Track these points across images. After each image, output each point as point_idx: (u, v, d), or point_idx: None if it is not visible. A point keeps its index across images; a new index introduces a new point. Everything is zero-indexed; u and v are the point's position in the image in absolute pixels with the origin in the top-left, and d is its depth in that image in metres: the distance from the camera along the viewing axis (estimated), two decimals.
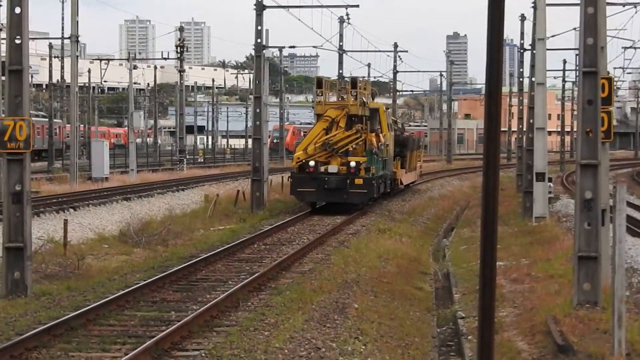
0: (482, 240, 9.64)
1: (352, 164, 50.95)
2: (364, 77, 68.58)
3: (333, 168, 51.08)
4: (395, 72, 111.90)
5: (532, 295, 27.17)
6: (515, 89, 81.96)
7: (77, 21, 65.55)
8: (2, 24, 51.30)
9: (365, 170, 51.66)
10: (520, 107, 73.85)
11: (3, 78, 39.29)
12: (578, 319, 22.89)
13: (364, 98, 54.81)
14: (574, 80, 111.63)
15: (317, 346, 20.38)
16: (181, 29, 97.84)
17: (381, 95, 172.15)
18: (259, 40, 55.50)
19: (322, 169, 51.20)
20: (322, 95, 54.14)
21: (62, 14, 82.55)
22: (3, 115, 27.60)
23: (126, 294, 25.27)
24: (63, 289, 26.59)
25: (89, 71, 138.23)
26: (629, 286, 24.11)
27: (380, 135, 57.27)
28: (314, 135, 52.95)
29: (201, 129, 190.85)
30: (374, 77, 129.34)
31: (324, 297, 25.96)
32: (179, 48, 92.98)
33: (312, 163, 51.08)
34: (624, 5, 58.48)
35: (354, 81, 55.30)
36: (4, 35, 38.74)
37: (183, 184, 67.11)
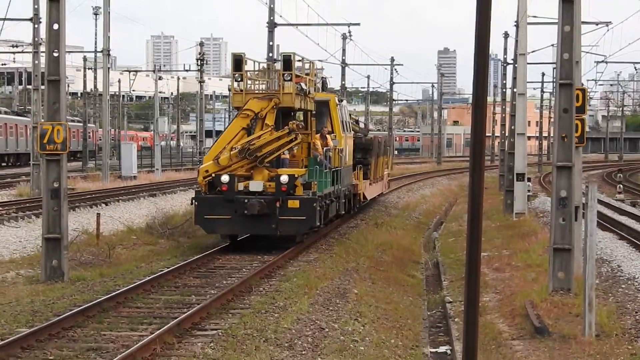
0: (468, 233, 9.66)
1: (283, 178, 30.87)
2: (312, 61, 38.80)
3: (256, 185, 31.10)
4: (391, 83, 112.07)
5: (512, 283, 27.17)
6: (498, 98, 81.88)
7: (109, 36, 65.51)
8: (41, 39, 51.19)
9: (305, 186, 31.69)
10: (503, 115, 73.81)
11: (43, 87, 39.42)
12: (553, 303, 22.89)
13: (303, 85, 33.69)
14: (551, 91, 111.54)
15: (321, 327, 20.38)
16: (201, 44, 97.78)
17: (379, 104, 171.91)
18: (270, 54, 55.42)
19: (241, 186, 31.16)
20: (241, 80, 33.07)
21: (95, 30, 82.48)
22: (43, 121, 27.62)
23: (152, 280, 25.28)
24: (96, 275, 26.61)
25: (119, 81, 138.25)
26: (598, 275, 24.10)
27: (329, 137, 36.40)
28: (229, 138, 32.20)
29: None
30: (373, 88, 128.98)
31: (327, 283, 25.96)
32: (199, 61, 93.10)
33: (225, 178, 30.87)
34: (596, 24, 58.54)
35: (286, 60, 33.19)
36: (43, 48, 38.70)
37: None
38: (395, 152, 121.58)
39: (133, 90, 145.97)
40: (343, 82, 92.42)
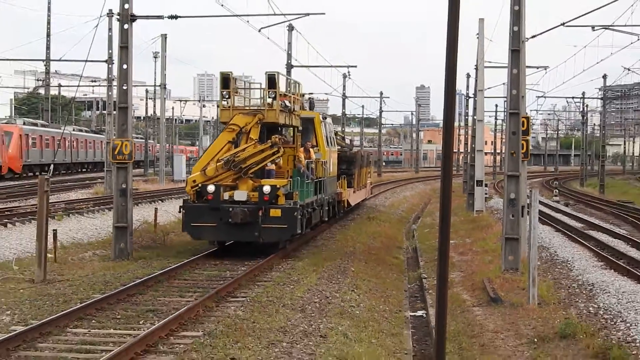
0: (440, 225, 9.61)
1: (266, 188, 26.67)
2: (297, 82, 33.79)
3: (241, 195, 26.84)
4: (380, 111, 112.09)
5: (473, 264, 27.15)
6: (463, 123, 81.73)
7: (165, 74, 65.48)
8: (113, 76, 51.27)
9: (287, 196, 27.15)
10: (466, 136, 73.68)
11: (114, 112, 39.54)
12: (505, 279, 22.89)
13: (287, 102, 29.60)
14: (502, 118, 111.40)
15: (326, 295, 20.34)
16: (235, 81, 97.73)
17: (370, 127, 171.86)
18: (288, 89, 55.46)
19: (227, 195, 27.00)
20: (229, 97, 28.38)
21: (155, 69, 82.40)
22: (114, 137, 27.71)
23: (196, 259, 25.25)
24: (153, 255, 26.58)
25: (172, 108, 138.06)
26: (539, 258, 24.05)
27: (312, 150, 31.80)
28: (216, 151, 27.88)
29: None
30: (366, 115, 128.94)
31: (331, 263, 25.93)
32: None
33: (211, 188, 26.59)
34: (537, 67, 58.42)
35: (271, 79, 28.25)
36: (115, 83, 38.78)
37: None
38: (384, 164, 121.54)
39: (183, 115, 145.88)
40: (344, 110, 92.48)
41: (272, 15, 39.20)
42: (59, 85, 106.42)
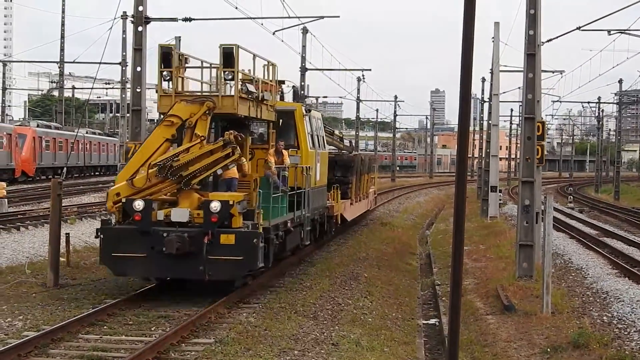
0: (454, 232, 9.57)
1: (214, 205, 19.13)
2: (273, 63, 23.23)
3: (180, 214, 19.45)
4: (395, 115, 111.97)
5: (486, 270, 27.06)
6: (477, 128, 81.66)
7: None
8: (127, 78, 51.38)
9: (245, 216, 19.74)
10: (481, 141, 73.56)
11: (128, 115, 39.65)
12: (518, 287, 22.79)
13: (250, 86, 21.25)
14: (518, 122, 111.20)
15: (339, 302, 20.30)
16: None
17: (384, 131, 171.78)
18: (302, 92, 55.49)
19: (161, 215, 19.61)
20: (170, 79, 20.63)
21: None
22: (127, 140, 27.76)
23: None
24: None
25: None
26: (553, 265, 23.97)
27: (285, 153, 23.96)
28: (150, 152, 20.20)
29: None
30: (381, 118, 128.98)
31: (343, 269, 25.88)
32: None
33: (139, 204, 19.36)
34: (553, 72, 58.39)
35: (227, 54, 20.32)
36: (128, 85, 38.93)
37: None
38: (397, 169, 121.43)
39: None
40: (358, 114, 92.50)
41: (286, 18, 39.22)
42: (73, 88, 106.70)
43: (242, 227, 19.19)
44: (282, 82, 26.81)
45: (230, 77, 20.34)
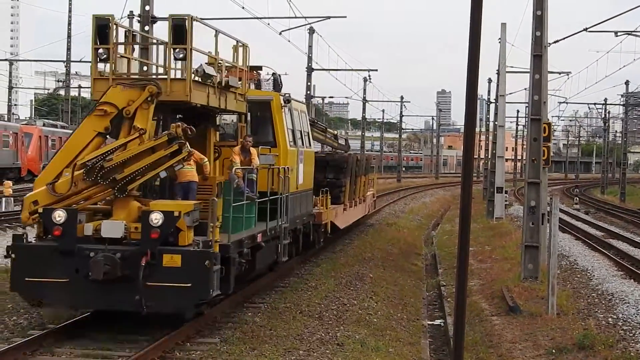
0: (459, 232, 9.58)
1: (155, 217, 14.83)
2: (244, 44, 19.44)
3: (112, 228, 15.10)
4: (401, 116, 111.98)
5: (492, 271, 27.05)
6: (483, 129, 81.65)
7: None
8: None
9: (198, 230, 15.50)
10: (487, 142, 73.57)
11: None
12: (524, 288, 22.78)
13: (207, 68, 17.10)
14: (524, 124, 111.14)
15: (344, 302, 20.30)
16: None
17: (390, 131, 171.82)
18: (308, 92, 55.53)
19: (90, 229, 15.21)
20: (108, 58, 16.23)
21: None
22: None
23: None
24: None
25: None
26: (559, 267, 23.97)
27: (254, 152, 19.64)
28: (77, 149, 15.81)
29: None
30: (387, 119, 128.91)
31: (349, 269, 25.87)
32: None
33: (59, 216, 14.97)
34: (559, 73, 58.43)
35: (178, 27, 16.15)
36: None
37: None
38: (403, 169, 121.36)
39: None
40: (364, 114, 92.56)
41: (293, 18, 39.26)
42: (79, 87, 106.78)
43: (190, 245, 15.13)
44: (259, 68, 23.18)
45: (181, 55, 16.38)
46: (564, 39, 31.12)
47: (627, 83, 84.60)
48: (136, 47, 18.89)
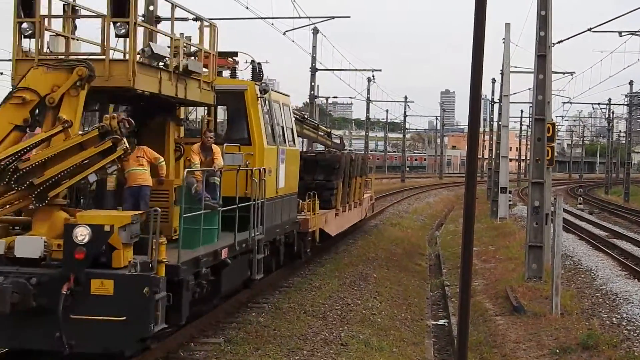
0: (463, 232, 9.57)
1: (80, 232, 11.53)
2: (210, 23, 16.43)
3: (27, 246, 11.82)
4: (405, 116, 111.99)
5: (496, 271, 27.03)
6: (487, 129, 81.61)
7: None
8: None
9: (136, 248, 12.17)
10: (491, 142, 73.54)
11: None
12: (528, 288, 22.76)
13: (156, 48, 14.00)
14: (528, 124, 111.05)
15: (348, 302, 20.30)
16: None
17: (394, 131, 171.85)
18: (312, 92, 55.58)
19: (1, 246, 11.95)
20: (33, 34, 13.10)
21: None
22: None
23: None
24: None
25: (196, 110, 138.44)
26: (563, 267, 23.94)
27: (217, 150, 16.46)
28: None
29: None
30: (391, 119, 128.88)
31: (352, 269, 25.87)
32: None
33: None
34: (563, 73, 58.41)
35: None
36: None
37: None
38: (407, 169, 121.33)
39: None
40: (367, 114, 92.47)
41: (297, 18, 39.29)
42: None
43: (126, 267, 12.08)
44: (234, 54, 20.21)
45: (122, 31, 13.18)
46: (568, 39, 31.14)
47: (631, 83, 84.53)
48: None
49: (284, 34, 41.62)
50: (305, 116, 30.49)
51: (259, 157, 18.48)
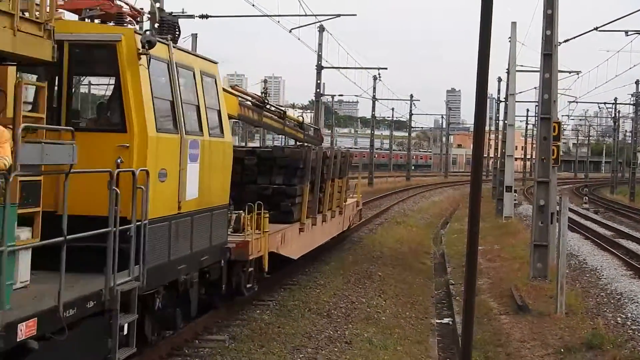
0: (468, 231, 9.57)
1: None
2: None
3: None
4: (410, 114, 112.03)
5: (500, 270, 27.00)
6: (493, 128, 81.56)
7: None
8: None
9: None
10: (496, 141, 73.47)
11: None
12: (532, 287, 22.74)
13: None
14: (533, 123, 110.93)
15: (352, 300, 20.31)
16: (265, 81, 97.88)
17: (400, 130, 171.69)
18: (318, 90, 55.60)
19: None
20: None
21: None
22: None
23: None
24: None
25: None
26: (568, 266, 23.93)
27: (4, 136, 8.63)
28: None
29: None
30: (396, 117, 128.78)
31: (357, 267, 25.87)
32: (263, 94, 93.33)
33: None
34: (569, 72, 58.37)
35: None
36: None
37: None
38: (413, 168, 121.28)
39: None
40: (373, 113, 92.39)
41: (303, 16, 39.30)
42: (90, 84, 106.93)
43: None
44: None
45: None
46: (574, 38, 31.07)
47: (637, 82, 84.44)
48: None
49: (290, 31, 41.63)
50: (265, 98, 23.27)
51: (138, 151, 11.68)
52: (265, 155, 21.91)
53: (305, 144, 26.58)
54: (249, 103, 21.06)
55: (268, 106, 23.53)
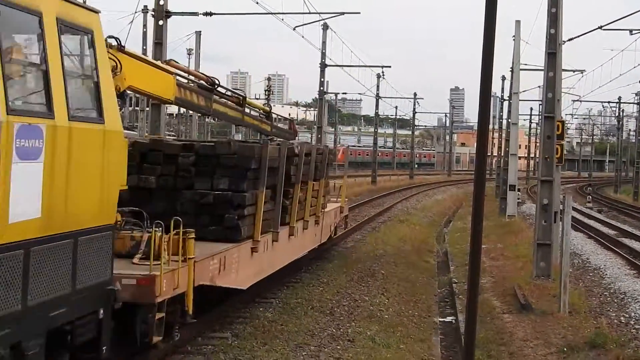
0: (472, 230, 9.57)
1: None
2: None
3: None
4: (414, 113, 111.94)
5: (504, 269, 27.00)
6: (497, 126, 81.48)
7: (199, 71, 65.75)
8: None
9: None
10: (500, 139, 73.42)
11: (147, 109, 39.65)
12: (536, 286, 22.74)
13: None
14: (537, 122, 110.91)
15: (355, 298, 20.32)
16: (269, 79, 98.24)
17: (403, 128, 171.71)
18: (321, 88, 55.61)
19: None
20: None
21: (189, 65, 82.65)
22: (147, 134, 27.80)
23: None
24: None
25: None
26: (571, 265, 23.92)
27: None
28: None
29: None
30: (400, 116, 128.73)
31: (360, 265, 25.87)
32: (267, 92, 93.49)
33: None
34: (573, 71, 58.32)
35: None
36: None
37: None
38: (416, 166, 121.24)
39: None
40: (377, 111, 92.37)
41: (307, 13, 39.36)
42: None
43: None
44: None
45: None
46: (578, 36, 31.05)
47: None
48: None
49: (294, 29, 41.63)
50: (218, 82, 18.23)
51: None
52: (206, 152, 16.40)
53: (273, 138, 22.00)
54: (192, 85, 17.32)
55: (221, 90, 19.03)
